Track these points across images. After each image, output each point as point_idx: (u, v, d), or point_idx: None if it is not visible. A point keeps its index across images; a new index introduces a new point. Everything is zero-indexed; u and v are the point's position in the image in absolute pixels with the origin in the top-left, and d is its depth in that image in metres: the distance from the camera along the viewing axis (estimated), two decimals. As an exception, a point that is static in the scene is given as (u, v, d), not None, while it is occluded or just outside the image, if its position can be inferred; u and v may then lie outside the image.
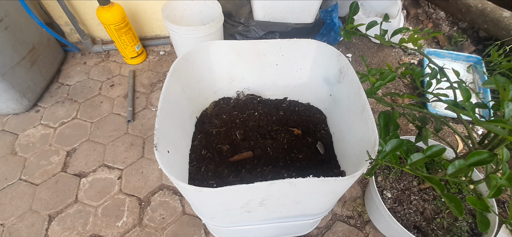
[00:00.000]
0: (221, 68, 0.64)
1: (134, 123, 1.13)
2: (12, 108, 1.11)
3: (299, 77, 0.68)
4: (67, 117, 1.15)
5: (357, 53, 1.48)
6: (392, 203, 0.73)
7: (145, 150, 1.04)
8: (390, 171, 0.79)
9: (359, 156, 0.48)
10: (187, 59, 0.57)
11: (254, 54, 0.62)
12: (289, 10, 1.26)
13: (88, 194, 0.93)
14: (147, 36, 1.50)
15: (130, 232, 0.85)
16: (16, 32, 1.06)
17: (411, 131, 1.13)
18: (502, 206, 0.92)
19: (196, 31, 1.04)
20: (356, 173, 0.40)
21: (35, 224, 0.87)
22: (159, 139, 0.42)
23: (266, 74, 0.67)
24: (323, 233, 0.86)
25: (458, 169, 0.39)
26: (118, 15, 1.17)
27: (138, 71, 1.35)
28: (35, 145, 1.05)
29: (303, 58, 0.64)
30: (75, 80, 1.30)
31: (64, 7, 1.21)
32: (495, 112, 0.51)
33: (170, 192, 0.94)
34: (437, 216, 0.70)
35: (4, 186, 0.95)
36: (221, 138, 0.61)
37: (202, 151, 0.59)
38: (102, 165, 1.00)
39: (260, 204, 0.46)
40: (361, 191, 0.95)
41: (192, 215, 0.88)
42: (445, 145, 0.45)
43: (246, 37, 1.31)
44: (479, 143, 0.56)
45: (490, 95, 1.15)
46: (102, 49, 1.43)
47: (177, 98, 0.56)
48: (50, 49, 1.26)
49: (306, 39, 0.61)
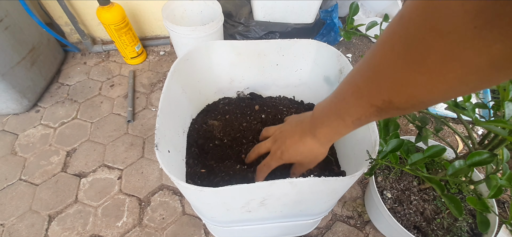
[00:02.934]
0: (221, 68, 0.64)
1: (134, 123, 1.13)
2: (12, 108, 1.11)
3: (299, 77, 0.68)
4: (67, 117, 1.15)
5: (357, 53, 1.48)
6: (392, 203, 0.73)
7: (145, 150, 1.05)
8: (390, 171, 0.79)
9: (359, 156, 0.48)
10: (187, 59, 0.57)
11: (254, 54, 0.62)
12: (289, 10, 1.26)
13: (88, 194, 0.93)
14: (147, 36, 1.50)
15: (130, 232, 0.85)
16: (16, 32, 1.06)
17: (411, 131, 1.13)
18: (502, 206, 0.92)
19: (196, 31, 1.04)
20: (357, 173, 0.40)
21: (35, 224, 0.86)
22: (159, 139, 0.42)
23: (266, 74, 0.67)
24: (323, 233, 0.86)
25: (458, 169, 0.39)
26: (118, 15, 1.17)
27: (138, 71, 1.35)
28: (35, 145, 1.05)
29: (303, 58, 0.64)
30: (75, 80, 1.30)
31: (64, 7, 1.21)
32: (495, 112, 0.51)
33: (170, 192, 0.94)
34: (437, 216, 0.70)
35: (4, 186, 0.95)
36: (222, 138, 0.61)
37: (202, 151, 0.59)
38: (102, 165, 1.00)
39: (260, 204, 0.46)
40: (361, 191, 0.95)
41: (192, 215, 0.88)
42: (445, 145, 0.45)
43: (246, 37, 1.31)
44: (479, 143, 0.56)
45: (490, 95, 1.15)
46: (102, 49, 1.43)
47: (177, 98, 0.56)
48: (50, 49, 1.26)
49: (306, 39, 0.61)
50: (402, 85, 0.23)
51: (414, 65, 0.21)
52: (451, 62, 0.18)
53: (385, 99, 0.25)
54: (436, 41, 0.18)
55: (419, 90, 0.22)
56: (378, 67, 0.25)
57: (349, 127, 0.32)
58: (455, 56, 0.18)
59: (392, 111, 0.26)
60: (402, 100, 0.24)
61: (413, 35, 0.20)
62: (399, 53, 0.22)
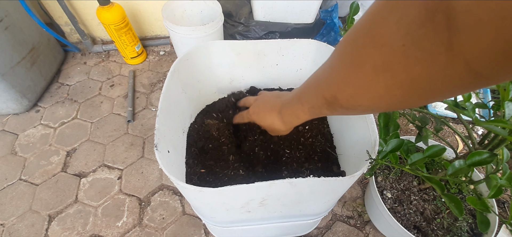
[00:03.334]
0: (221, 68, 0.64)
1: (134, 123, 1.13)
2: (12, 108, 1.11)
3: (299, 77, 0.68)
4: (67, 117, 1.15)
5: (357, 53, 1.48)
6: (392, 203, 0.73)
7: (145, 150, 1.05)
8: (390, 171, 0.79)
9: (359, 156, 0.48)
10: (187, 59, 0.57)
11: (254, 54, 0.62)
12: (289, 10, 1.26)
13: (88, 194, 0.93)
14: (147, 36, 1.50)
15: (130, 232, 0.85)
16: (16, 32, 1.06)
17: (411, 131, 1.13)
18: (502, 206, 0.92)
19: (196, 31, 1.04)
20: (356, 173, 0.40)
21: (35, 224, 0.87)
22: (159, 139, 0.42)
23: (266, 74, 0.67)
24: (323, 233, 0.86)
25: (458, 169, 0.39)
26: (118, 15, 1.17)
27: (138, 71, 1.35)
28: (35, 145, 1.05)
29: (303, 58, 0.64)
30: (75, 80, 1.30)
31: (64, 7, 1.21)
32: (495, 112, 0.51)
33: (170, 192, 0.94)
34: (437, 216, 0.70)
35: (4, 186, 0.95)
36: (221, 138, 0.61)
37: (202, 151, 0.59)
38: (102, 165, 1.00)
39: (260, 204, 0.46)
40: (361, 191, 0.95)
41: (192, 215, 0.88)
42: (445, 145, 0.45)
43: (246, 37, 1.31)
44: (479, 143, 0.56)
45: (490, 95, 1.15)
46: (102, 49, 1.43)
47: (177, 98, 0.56)
48: (50, 49, 1.26)
49: (306, 39, 0.61)
50: (345, 84, 0.26)
51: (356, 67, 0.23)
52: (381, 72, 0.21)
53: (332, 94, 0.28)
54: (372, 50, 0.20)
55: (357, 92, 0.24)
56: (333, 63, 0.28)
57: (305, 113, 0.36)
58: (385, 67, 0.20)
59: (338, 108, 0.29)
60: (344, 98, 0.27)
61: (358, 40, 0.22)
62: (348, 54, 0.24)
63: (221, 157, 0.57)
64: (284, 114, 0.42)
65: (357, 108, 0.27)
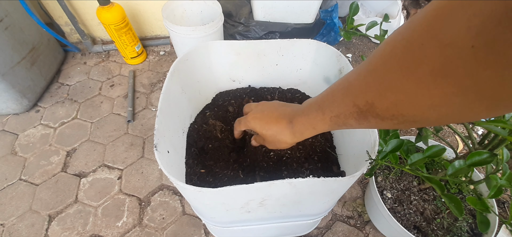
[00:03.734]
0: (221, 68, 0.64)
1: (134, 123, 1.13)
2: (12, 108, 1.11)
3: (299, 78, 0.68)
4: (67, 117, 1.15)
5: (357, 53, 1.48)
6: (392, 203, 0.73)
7: (145, 150, 1.05)
8: (390, 171, 0.79)
9: (359, 156, 0.48)
10: (187, 59, 0.57)
11: (254, 54, 0.62)
12: (289, 10, 1.26)
13: (88, 194, 0.93)
14: (147, 36, 1.50)
15: (130, 232, 0.85)
16: (16, 32, 1.06)
17: (411, 131, 1.13)
18: (502, 206, 0.92)
19: (196, 31, 1.04)
20: (356, 173, 0.40)
21: (35, 224, 0.87)
22: (159, 139, 0.42)
23: (266, 74, 0.67)
24: (323, 233, 0.86)
25: (458, 169, 0.39)
26: (118, 15, 1.17)
27: (138, 71, 1.35)
28: (35, 145, 1.05)
29: (303, 59, 0.64)
30: (75, 80, 1.30)
31: (64, 7, 1.21)
32: (495, 112, 0.51)
33: (170, 192, 0.94)
34: (437, 216, 0.70)
35: (4, 186, 0.95)
36: (221, 138, 0.61)
37: (202, 151, 0.59)
38: (102, 165, 1.00)
39: (260, 204, 0.46)
40: (361, 191, 0.95)
41: (192, 215, 0.88)
42: (445, 145, 0.45)
43: (246, 37, 1.31)
44: (479, 143, 0.56)
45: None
46: (102, 49, 1.43)
47: (177, 98, 0.56)
48: (50, 49, 1.26)
49: (306, 39, 0.61)
50: (389, 89, 0.23)
51: (406, 70, 0.20)
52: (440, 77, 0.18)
53: (368, 100, 0.25)
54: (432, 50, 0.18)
55: (403, 100, 0.22)
56: (373, 65, 0.25)
57: (325, 122, 0.32)
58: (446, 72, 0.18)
59: (371, 118, 0.26)
60: (384, 106, 0.24)
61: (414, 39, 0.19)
62: (396, 54, 0.21)
63: (221, 157, 0.57)
64: (295, 123, 0.37)
65: (396, 118, 0.23)
